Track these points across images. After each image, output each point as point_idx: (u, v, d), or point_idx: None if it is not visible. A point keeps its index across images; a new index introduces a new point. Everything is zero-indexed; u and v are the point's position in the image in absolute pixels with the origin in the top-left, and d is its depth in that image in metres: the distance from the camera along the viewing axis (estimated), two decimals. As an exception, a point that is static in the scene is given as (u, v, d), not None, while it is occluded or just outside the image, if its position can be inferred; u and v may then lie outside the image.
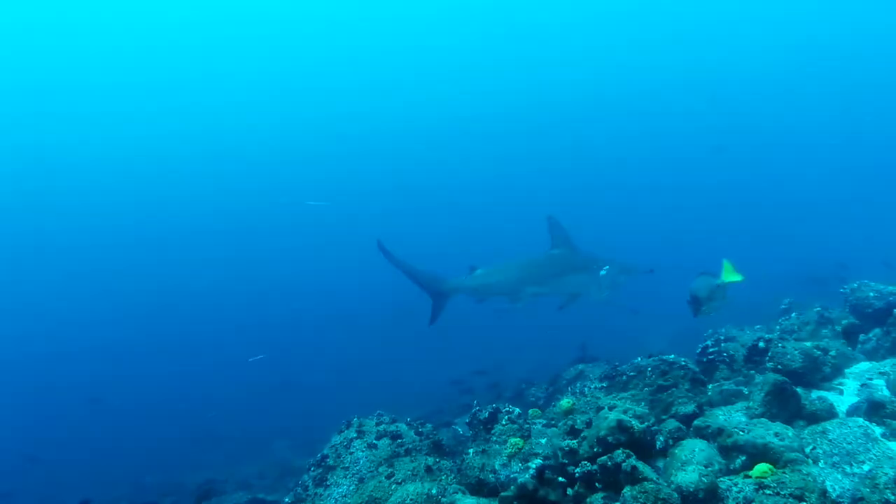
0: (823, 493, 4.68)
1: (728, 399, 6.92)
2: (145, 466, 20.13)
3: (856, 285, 9.25)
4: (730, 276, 6.51)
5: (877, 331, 8.35)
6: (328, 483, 7.45)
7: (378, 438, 7.62)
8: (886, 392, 6.70)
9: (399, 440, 7.52)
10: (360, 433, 7.80)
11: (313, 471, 7.74)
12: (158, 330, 45.25)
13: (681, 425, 6.25)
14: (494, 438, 6.72)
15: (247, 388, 27.76)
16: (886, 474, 4.28)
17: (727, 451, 5.63)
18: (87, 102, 65.42)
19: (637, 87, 63.93)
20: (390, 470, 6.82)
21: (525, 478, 5.42)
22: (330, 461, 7.68)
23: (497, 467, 6.21)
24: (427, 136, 71.11)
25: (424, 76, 68.87)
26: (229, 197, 67.04)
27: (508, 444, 6.45)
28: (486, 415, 7.13)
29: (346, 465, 7.45)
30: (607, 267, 12.05)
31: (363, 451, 7.49)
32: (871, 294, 8.93)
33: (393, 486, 6.48)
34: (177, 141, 68.46)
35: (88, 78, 64.48)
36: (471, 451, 6.63)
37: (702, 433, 6.02)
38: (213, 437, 22.17)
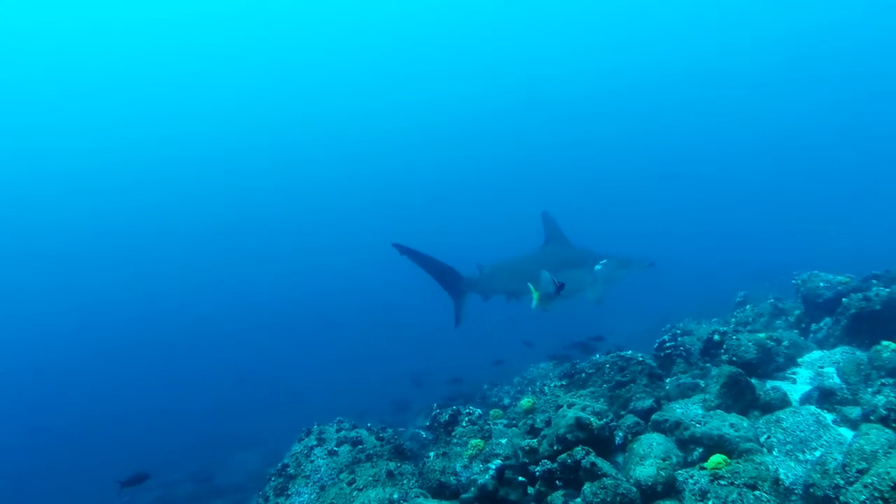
0: (776, 481, 4.75)
1: (685, 392, 6.99)
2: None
3: (806, 276, 9.41)
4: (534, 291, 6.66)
5: (827, 320, 8.51)
6: (289, 492, 7.34)
7: (338, 445, 7.54)
8: (837, 380, 6.84)
9: (360, 446, 7.46)
10: (321, 440, 7.71)
11: (274, 480, 7.62)
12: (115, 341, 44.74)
13: (639, 420, 6.29)
14: (455, 440, 6.69)
15: (220, 394, 27.60)
16: (836, 460, 4.35)
17: (684, 444, 5.68)
18: (86, 103, 64.95)
19: (628, 84, 64.65)
20: (351, 476, 6.75)
21: (485, 479, 5.40)
22: (291, 470, 7.58)
23: (458, 469, 6.18)
24: (414, 135, 71.41)
25: (418, 76, 68.89)
26: (208, 199, 66.75)
27: (469, 446, 6.42)
28: (447, 417, 7.10)
29: (307, 473, 7.35)
30: (604, 261, 11.89)
31: (324, 459, 7.40)
32: (822, 284, 9.10)
33: (354, 493, 6.42)
34: (159, 143, 67.65)
35: (88, 78, 63.96)
36: (431, 453, 6.58)
37: (660, 427, 6.07)
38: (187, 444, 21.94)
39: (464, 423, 6.93)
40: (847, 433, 5.58)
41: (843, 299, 8.14)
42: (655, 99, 63.52)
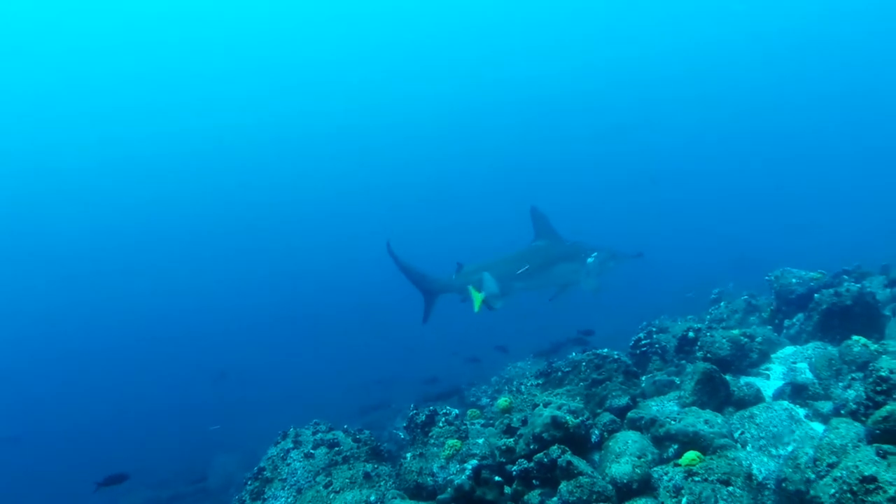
0: (749, 476, 4.79)
1: (661, 390, 7.04)
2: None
3: (779, 272, 9.51)
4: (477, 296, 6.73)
5: (800, 316, 8.61)
6: (266, 496, 7.28)
7: (315, 448, 7.48)
8: (809, 375, 6.91)
9: (336, 448, 7.41)
10: (297, 443, 7.65)
11: (250, 484, 7.55)
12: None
13: (615, 418, 6.31)
14: (432, 441, 6.67)
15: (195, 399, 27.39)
16: (807, 454, 4.39)
17: (660, 441, 5.71)
18: (84, 103, 64.22)
19: (611, 83, 64.94)
20: (328, 479, 6.71)
21: (461, 479, 5.39)
22: (267, 473, 7.51)
23: (435, 470, 6.17)
24: (402, 133, 71.19)
25: (409, 74, 68.69)
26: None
27: (446, 446, 6.41)
28: (424, 417, 7.08)
29: (284, 476, 7.29)
30: (595, 254, 11.97)
31: (300, 462, 7.34)
32: (794, 280, 9.20)
33: (331, 496, 6.38)
34: (136, 142, 67.08)
35: (87, 78, 63.23)
36: (408, 454, 6.56)
37: (635, 425, 6.10)
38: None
39: (441, 424, 6.91)
40: (819, 427, 5.63)
41: (815, 295, 8.23)
42: (637, 97, 63.98)
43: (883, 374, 4.67)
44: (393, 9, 62.78)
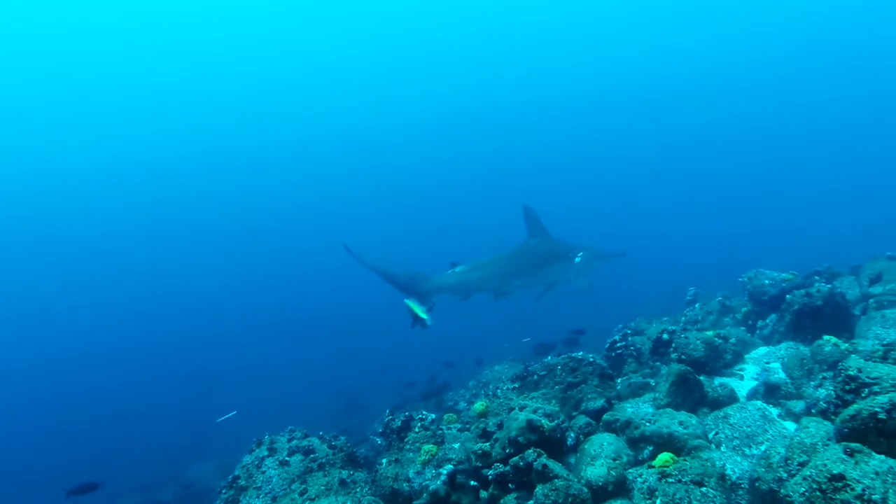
0: (722, 476, 4.82)
1: (636, 391, 7.07)
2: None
3: (752, 274, 9.60)
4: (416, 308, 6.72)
5: (773, 316, 8.69)
6: (241, 505, 7.20)
7: (290, 455, 7.41)
8: (782, 374, 6.97)
9: (312, 455, 7.34)
10: (272, 451, 7.58)
11: (225, 493, 7.46)
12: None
13: (591, 420, 6.33)
14: (408, 446, 6.64)
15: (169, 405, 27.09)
16: (779, 453, 4.42)
17: (635, 443, 5.73)
18: (82, 103, 63.51)
19: (607, 83, 65.18)
20: (303, 486, 6.66)
21: (437, 484, 5.38)
22: (242, 482, 7.42)
23: (411, 475, 6.14)
24: (390, 135, 70.81)
25: (402, 75, 68.40)
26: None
27: (422, 452, 6.38)
28: (399, 423, 7.04)
29: (259, 484, 7.21)
30: (581, 253, 12.01)
31: (275, 469, 7.27)
32: (767, 282, 9.30)
33: (306, 503, 6.33)
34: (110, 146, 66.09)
35: (86, 79, 62.57)
36: (384, 460, 6.53)
37: (611, 427, 6.11)
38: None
39: (417, 429, 6.88)
40: (791, 426, 5.68)
41: (787, 296, 8.31)
42: (632, 97, 64.34)
43: (851, 373, 4.72)
44: (387, 9, 62.65)
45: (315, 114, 69.94)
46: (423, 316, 6.81)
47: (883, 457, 3.55)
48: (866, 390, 4.57)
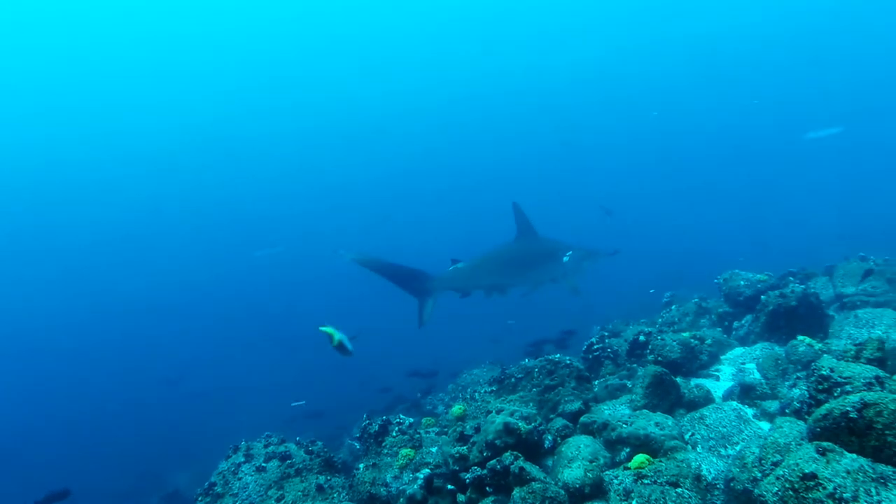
0: (697, 477, 4.84)
1: (613, 393, 7.08)
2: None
3: (728, 275, 9.69)
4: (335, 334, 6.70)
5: (748, 317, 8.78)
6: (217, 512, 7.12)
7: (267, 461, 7.34)
8: (757, 375, 7.02)
9: (289, 461, 7.28)
10: (249, 457, 7.50)
11: (201, 500, 7.37)
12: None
13: (568, 423, 6.32)
14: (385, 451, 6.60)
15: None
16: (753, 453, 4.44)
17: (612, 445, 5.73)
18: (81, 101, 62.55)
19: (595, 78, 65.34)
20: (280, 492, 6.60)
21: (413, 488, 5.36)
22: (218, 489, 7.34)
23: (388, 480, 6.10)
24: (371, 131, 70.38)
25: (395, 72, 67.77)
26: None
27: (399, 456, 6.35)
28: (377, 427, 6.99)
29: (235, 491, 7.13)
30: (570, 253, 11.97)
31: (252, 476, 7.19)
32: (742, 283, 9.38)
33: (283, 509, 6.27)
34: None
35: (83, 76, 61.53)
36: (361, 465, 6.49)
37: (588, 429, 6.12)
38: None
39: (394, 433, 6.84)
40: (766, 426, 5.73)
41: (762, 297, 8.39)
42: (625, 97, 64.55)
43: (824, 372, 4.76)
44: (380, 4, 62.49)
45: (311, 110, 69.31)
46: (347, 344, 6.70)
47: (854, 455, 3.58)
48: (839, 390, 4.62)
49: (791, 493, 3.55)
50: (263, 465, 7.29)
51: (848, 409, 3.87)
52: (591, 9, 59.01)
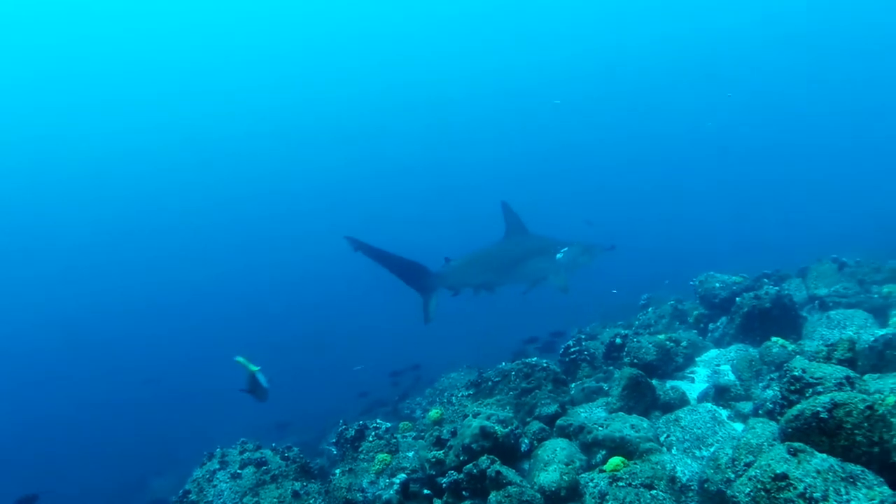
0: (672, 479, 4.87)
1: (590, 396, 7.11)
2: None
3: (703, 277, 9.78)
4: (250, 366, 6.64)
5: (723, 319, 8.84)
6: (191, 520, 7.03)
7: (242, 467, 7.26)
8: (732, 376, 7.08)
9: (264, 467, 7.20)
10: (224, 463, 7.41)
11: (176, 509, 7.29)
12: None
13: (544, 426, 6.32)
14: (362, 456, 6.57)
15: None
16: (727, 454, 4.47)
17: (588, 448, 5.74)
18: (81, 99, 61.87)
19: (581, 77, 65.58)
20: (255, 500, 6.54)
21: (389, 494, 5.34)
22: (193, 496, 7.25)
23: (365, 485, 6.07)
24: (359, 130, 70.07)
25: (387, 70, 67.66)
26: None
27: (376, 461, 6.32)
28: (353, 432, 6.96)
29: (210, 498, 7.04)
30: (565, 249, 11.90)
31: (227, 483, 7.10)
32: (717, 285, 9.46)
33: (258, 516, 6.21)
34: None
35: (82, 75, 61.00)
36: (338, 470, 6.45)
37: (564, 432, 6.12)
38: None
39: (370, 438, 6.81)
40: (741, 428, 5.76)
41: (737, 299, 8.47)
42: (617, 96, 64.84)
43: (796, 373, 4.81)
44: (372, 5, 62.36)
45: (305, 109, 68.99)
46: (262, 379, 6.58)
47: (824, 455, 3.62)
48: (810, 390, 4.66)
49: (763, 493, 3.57)
50: (239, 471, 7.20)
51: (818, 409, 3.91)
52: (585, 9, 59.38)
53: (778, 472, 3.55)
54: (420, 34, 64.63)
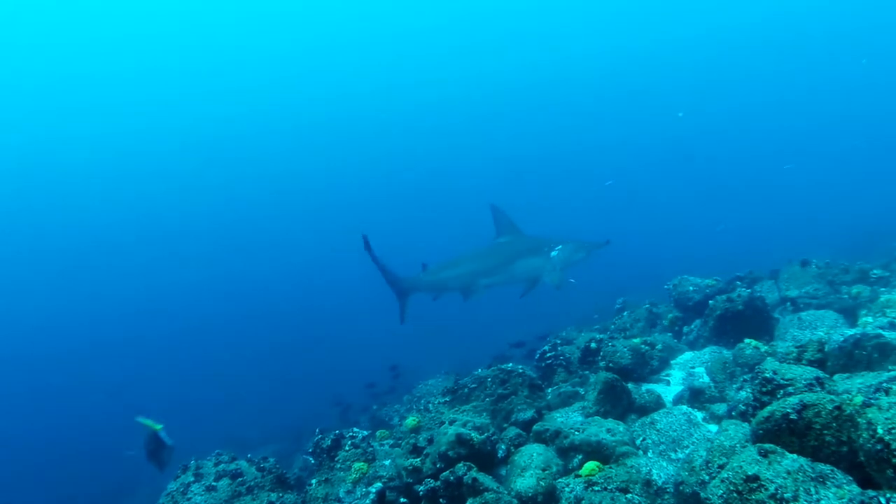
0: (647, 482, 4.88)
1: (566, 401, 7.12)
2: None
3: (677, 280, 9.86)
4: (154, 425, 6.58)
5: (697, 322, 8.93)
6: (166, 534, 6.93)
7: (217, 479, 7.17)
8: (706, 379, 7.15)
9: (240, 479, 7.12)
10: (198, 476, 7.32)
11: (150, 523, 7.18)
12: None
13: (521, 432, 6.33)
14: (339, 465, 6.53)
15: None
16: (701, 456, 4.50)
17: (565, 452, 5.75)
18: (82, 99, 61.29)
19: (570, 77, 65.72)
20: (231, 512, 6.46)
21: (366, 503, 5.28)
22: (167, 511, 7.16)
23: (341, 495, 6.03)
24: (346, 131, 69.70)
25: (385, 69, 67.39)
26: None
27: (353, 470, 6.29)
28: (329, 441, 6.91)
29: (184, 512, 6.97)
30: (559, 247, 11.87)
31: (202, 495, 7.01)
32: (691, 288, 9.55)
33: (234, 529, 6.14)
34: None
35: (84, 74, 60.36)
36: (314, 480, 6.41)
37: (541, 437, 6.12)
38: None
39: (347, 447, 6.76)
40: (715, 429, 5.81)
41: (710, 301, 8.55)
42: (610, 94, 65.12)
43: (767, 375, 4.85)
44: (374, 5, 62.14)
45: (300, 112, 68.62)
46: (165, 437, 6.45)
47: (795, 455, 3.65)
48: (781, 392, 4.71)
49: (735, 495, 3.59)
50: (214, 484, 7.12)
51: (788, 410, 3.95)
52: (576, 10, 59.70)
53: (749, 473, 3.58)
54: (419, 34, 64.58)
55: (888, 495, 3.17)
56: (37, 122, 60.98)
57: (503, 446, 6.04)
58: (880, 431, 3.40)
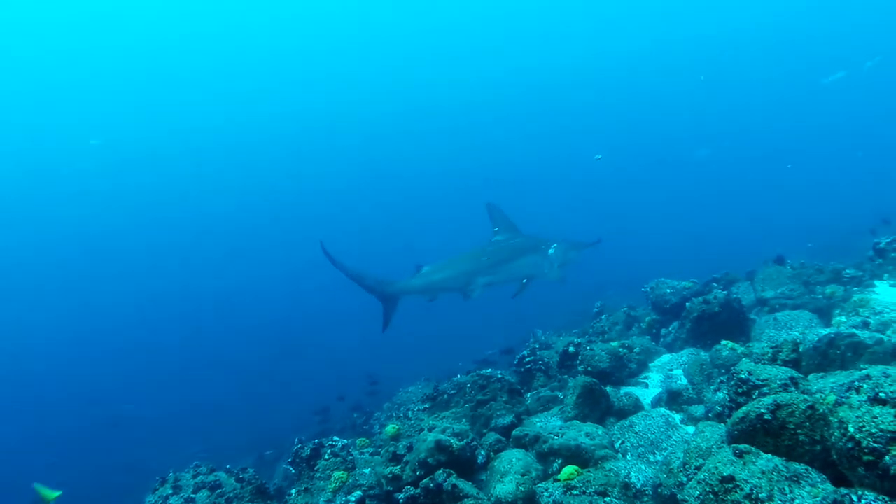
0: (626, 486, 4.90)
1: (546, 405, 7.14)
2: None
3: (654, 283, 9.93)
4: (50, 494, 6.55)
5: (675, 324, 8.99)
6: (144, 548, 6.85)
7: (196, 491, 7.10)
8: (684, 381, 7.19)
9: (219, 490, 7.04)
10: (177, 488, 7.24)
11: (127, 537, 7.09)
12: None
13: (500, 437, 6.33)
14: (318, 474, 6.49)
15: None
16: (679, 458, 4.52)
17: (544, 457, 5.75)
18: (86, 99, 60.23)
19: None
20: (210, 524, 6.39)
21: (345, 512, 5.26)
22: (145, 524, 7.07)
23: (321, 504, 6.00)
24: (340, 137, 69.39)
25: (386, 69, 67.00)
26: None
27: (332, 479, 6.25)
28: (309, 451, 6.86)
29: (163, 525, 6.88)
30: (555, 245, 11.91)
31: (180, 508, 6.95)
32: (668, 290, 9.62)
33: (213, 541, 6.07)
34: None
35: (85, 75, 59.42)
36: (293, 490, 6.37)
37: (520, 442, 6.12)
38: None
39: (326, 456, 6.72)
40: (693, 431, 5.85)
41: (687, 304, 8.62)
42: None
43: (742, 376, 4.88)
44: (372, 6, 61.80)
45: (301, 111, 68.20)
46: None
47: (769, 456, 3.69)
48: (756, 392, 4.74)
49: (711, 496, 3.62)
50: (192, 496, 7.04)
51: (762, 410, 3.98)
52: (571, 11, 59.87)
53: (725, 474, 3.61)
54: (420, 35, 64.36)
55: (860, 493, 3.21)
56: (37, 122, 60.37)
57: (483, 452, 6.02)
58: (851, 430, 3.44)
